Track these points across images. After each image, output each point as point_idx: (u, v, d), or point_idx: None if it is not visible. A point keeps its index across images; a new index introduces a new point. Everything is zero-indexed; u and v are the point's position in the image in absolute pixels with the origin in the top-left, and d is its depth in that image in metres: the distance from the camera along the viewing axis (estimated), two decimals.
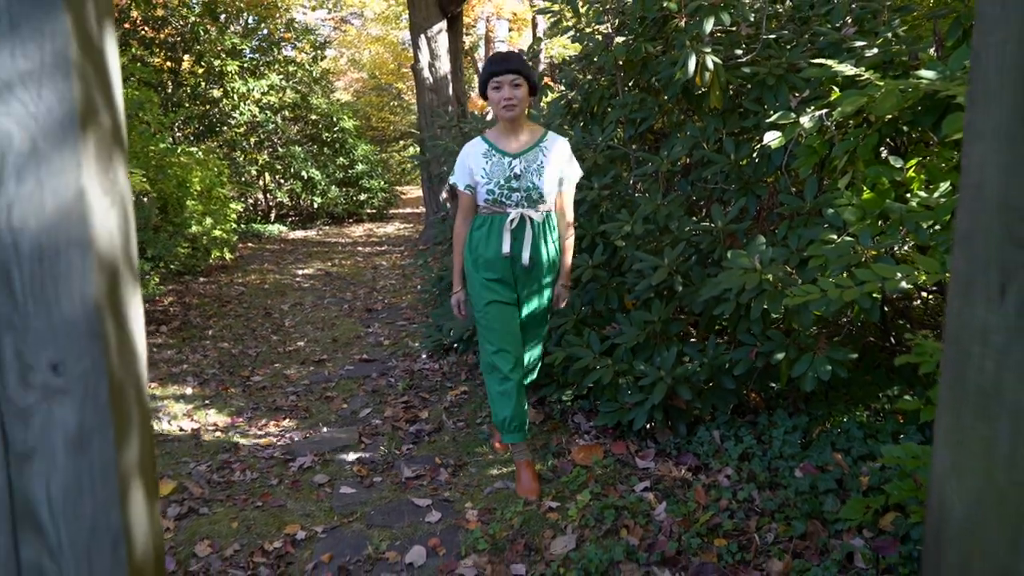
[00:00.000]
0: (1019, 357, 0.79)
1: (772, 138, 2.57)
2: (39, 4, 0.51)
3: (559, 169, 2.69)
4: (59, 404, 0.56)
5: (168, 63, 10.54)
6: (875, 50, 2.57)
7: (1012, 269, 0.79)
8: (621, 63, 3.58)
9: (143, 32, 9.98)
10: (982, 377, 0.83)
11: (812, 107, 2.65)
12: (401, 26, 20.74)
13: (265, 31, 11.95)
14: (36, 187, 0.53)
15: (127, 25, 9.64)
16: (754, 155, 2.99)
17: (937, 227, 2.06)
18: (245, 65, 11.09)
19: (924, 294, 3.19)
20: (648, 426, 2.88)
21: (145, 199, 5.62)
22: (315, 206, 12.42)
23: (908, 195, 2.28)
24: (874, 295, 2.13)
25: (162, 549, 0.71)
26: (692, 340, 3.07)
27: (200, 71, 10.73)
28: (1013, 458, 0.80)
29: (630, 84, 3.72)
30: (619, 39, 3.55)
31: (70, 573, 0.58)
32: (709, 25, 2.83)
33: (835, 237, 2.30)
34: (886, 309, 2.94)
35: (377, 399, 3.81)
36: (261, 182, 12.44)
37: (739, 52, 3.13)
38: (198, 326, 5.65)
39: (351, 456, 3.08)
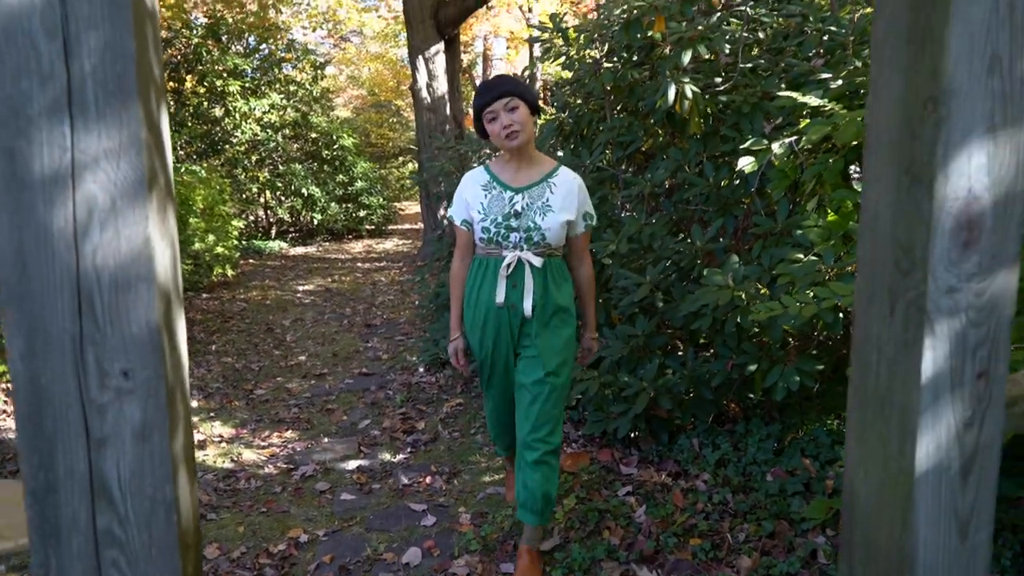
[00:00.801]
0: (905, 365, 0.95)
1: (746, 163, 2.75)
2: (120, 97, 0.68)
3: (568, 210, 2.31)
4: (128, 402, 0.73)
5: (171, 83, 10.75)
6: (840, 81, 2.75)
7: (898, 292, 0.95)
8: (609, 88, 3.76)
9: None
10: (878, 382, 1.00)
11: (785, 133, 2.83)
12: (400, 44, 21.03)
13: (266, 51, 12.18)
14: (115, 235, 0.70)
15: None
16: (733, 178, 3.17)
17: None
18: (247, 85, 11.30)
19: None
20: (632, 435, 3.04)
21: None
22: (315, 223, 12.61)
23: None
24: (837, 310, 2.29)
25: (198, 518, 0.88)
26: (679, 353, 3.23)
27: (202, 91, 10.94)
28: (901, 450, 0.97)
29: (618, 108, 3.91)
30: (607, 65, 3.74)
31: (134, 536, 0.74)
32: (687, 57, 3.01)
33: (802, 256, 2.47)
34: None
35: (376, 411, 3.97)
36: (262, 199, 12.63)
37: (719, 80, 3.31)
38: (202, 341, 5.81)
39: (351, 465, 3.23)
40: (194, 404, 4.28)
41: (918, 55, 0.90)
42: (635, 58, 3.71)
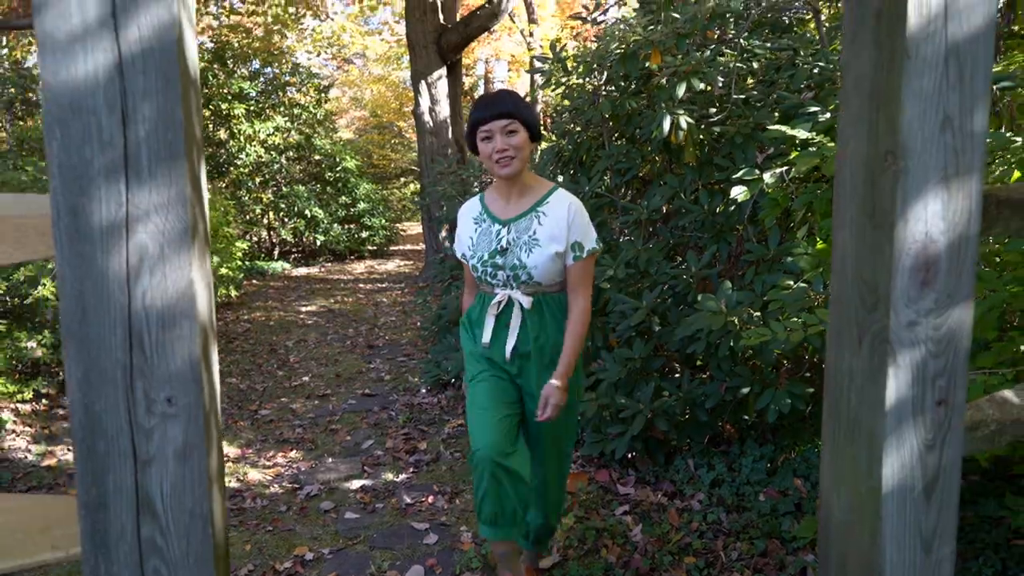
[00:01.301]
0: (872, 392, 1.04)
1: (739, 192, 2.84)
2: (169, 159, 0.78)
3: (557, 240, 2.06)
4: (171, 426, 0.82)
5: None
6: (828, 115, 2.85)
7: (865, 325, 1.05)
8: (607, 116, 3.87)
9: None
10: (849, 408, 1.09)
11: (776, 163, 2.93)
12: (402, 67, 21.29)
13: (271, 74, 12.37)
14: (162, 279, 0.79)
15: None
16: (727, 206, 3.27)
17: None
18: (251, 108, 11.47)
19: None
20: (629, 455, 3.12)
21: None
22: (318, 243, 12.72)
23: None
24: (824, 336, 2.38)
25: (228, 531, 0.97)
26: (676, 376, 3.31)
27: (208, 114, 11.10)
28: (869, 471, 1.05)
29: (616, 136, 4.02)
30: (606, 90, 3.86)
31: (174, 546, 0.83)
32: (681, 90, 3.12)
33: (792, 283, 2.56)
34: None
35: (379, 431, 4.05)
36: (265, 220, 12.75)
37: (713, 111, 3.42)
38: None
39: (355, 484, 3.31)
40: None
41: (878, 113, 1.00)
42: (632, 87, 3.83)
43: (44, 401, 4.66)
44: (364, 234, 13.27)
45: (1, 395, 4.24)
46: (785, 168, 2.84)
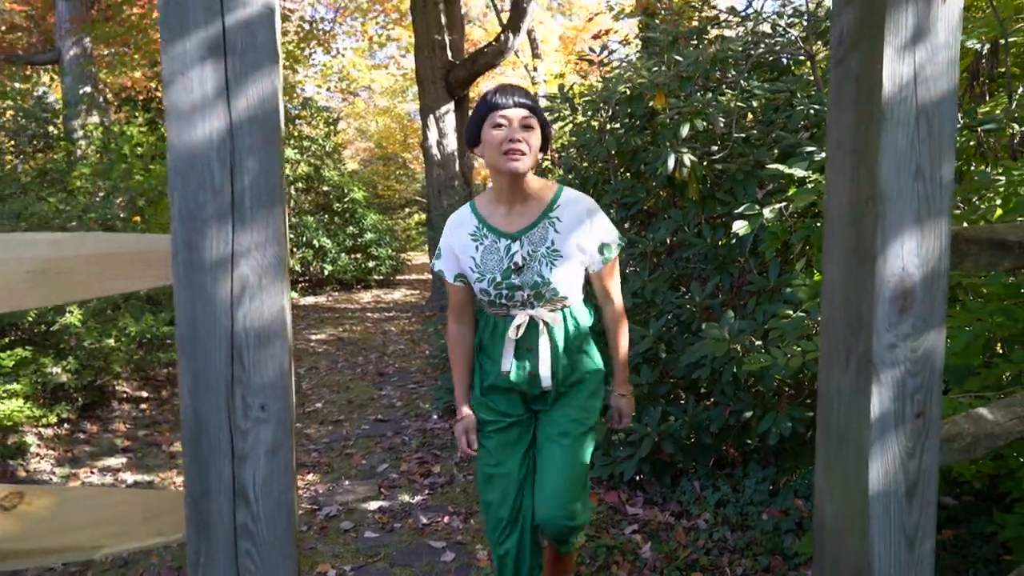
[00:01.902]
0: (859, 406, 1.19)
1: (740, 226, 3.01)
2: (268, 205, 0.94)
3: (581, 248, 1.93)
4: (263, 429, 0.97)
5: None
6: (823, 154, 3.03)
7: (851, 347, 1.20)
8: (613, 153, 4.05)
9: None
10: (839, 420, 1.23)
11: (775, 199, 3.10)
12: (407, 99, 21.67)
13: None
14: (260, 304, 0.95)
15: (155, 105, 10.28)
16: (729, 239, 3.43)
17: None
18: None
19: None
20: (638, 477, 3.24)
21: None
22: (325, 273, 12.90)
23: None
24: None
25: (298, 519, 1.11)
26: (681, 401, 3.45)
27: None
28: (858, 476, 1.20)
29: (622, 171, 4.20)
30: (612, 128, 4.05)
31: (263, 530, 0.98)
32: (685, 130, 3.30)
33: (791, 312, 2.71)
34: None
35: (393, 455, 4.17)
36: None
37: (715, 148, 3.60)
38: None
39: (372, 505, 3.43)
40: None
41: (859, 164, 1.16)
42: (637, 124, 4.01)
43: (66, 426, 4.79)
44: (371, 264, 13.46)
45: (27, 419, 4.37)
46: (784, 204, 3.00)
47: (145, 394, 5.77)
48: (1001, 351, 2.43)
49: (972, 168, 3.01)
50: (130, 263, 0.97)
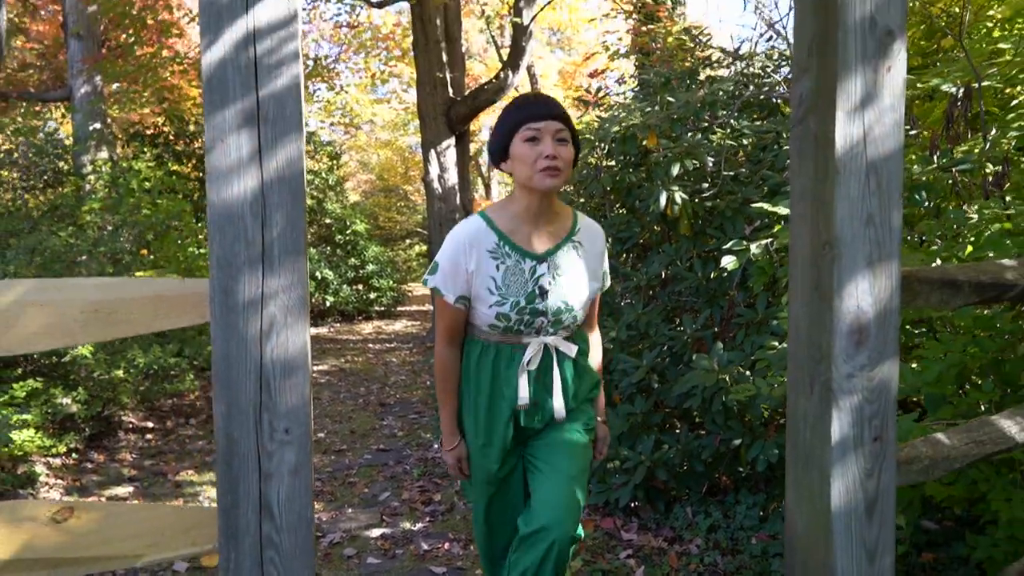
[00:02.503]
0: (821, 430, 1.31)
1: (728, 261, 3.14)
2: (294, 253, 1.08)
3: (597, 274, 1.91)
4: (287, 450, 1.09)
5: (197, 174, 11.37)
6: None
7: (815, 376, 1.32)
8: (608, 189, 4.21)
9: (176, 146, 10.82)
10: (805, 443, 1.36)
11: (762, 235, 3.24)
12: (409, 132, 21.99)
13: None
14: (285, 339, 1.08)
15: (162, 140, 10.50)
16: (719, 273, 3.57)
17: None
18: None
19: None
20: (632, 504, 3.34)
21: None
22: (327, 304, 13.04)
23: None
24: None
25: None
26: (676, 430, 3.56)
27: None
28: (822, 494, 1.32)
29: (617, 206, 4.35)
30: (607, 165, 4.21)
31: (286, 540, 1.10)
32: (675, 169, 3.46)
33: (777, 344, 2.84)
34: None
35: (395, 484, 4.27)
36: None
37: (705, 186, 3.76)
38: None
39: (375, 532, 3.52)
40: None
41: (818, 213, 1.30)
42: (632, 160, 4.17)
43: (74, 455, 4.89)
44: (372, 295, 13.60)
45: (37, 449, 4.48)
46: (770, 240, 3.15)
47: (150, 424, 5.87)
48: (976, 380, 2.55)
49: (950, 206, 3.16)
50: (171, 304, 1.10)
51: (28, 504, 1.09)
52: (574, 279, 1.84)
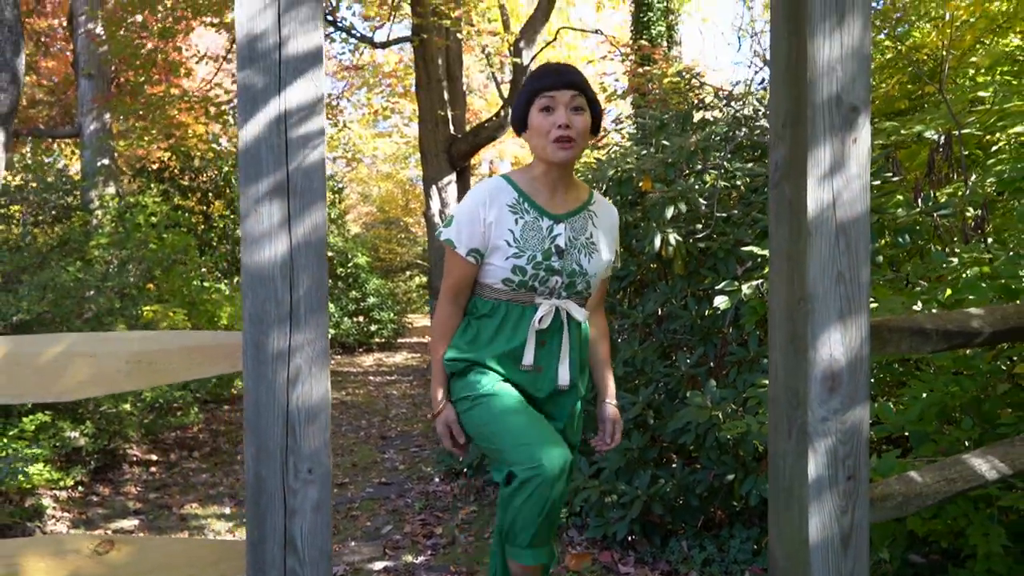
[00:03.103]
0: (799, 469, 1.42)
1: (721, 301, 3.26)
2: (318, 311, 1.20)
3: (610, 249, 1.94)
4: (310, 489, 1.20)
5: (200, 207, 11.55)
6: None
7: (793, 420, 1.44)
8: None
9: (181, 180, 11.01)
10: (785, 481, 1.47)
11: (754, 275, 3.37)
12: (409, 165, 22.25)
13: None
14: (310, 387, 1.20)
15: (168, 175, 10.68)
16: (713, 312, 3.69)
17: None
18: None
19: None
20: (629, 537, 3.42)
21: None
22: (328, 336, 13.11)
23: None
24: None
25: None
26: (672, 465, 3.65)
27: (229, 214, 11.73)
28: (800, 527, 1.42)
29: None
30: None
31: (308, 573, 1.20)
32: (670, 212, 3.59)
33: (767, 382, 2.94)
34: None
35: (397, 517, 4.34)
36: None
37: (699, 227, 3.89)
38: (227, 451, 6.19)
39: (378, 566, 3.60)
40: (227, 511, 4.65)
41: (793, 271, 1.42)
42: (629, 199, 4.31)
43: (80, 488, 4.96)
44: (373, 327, 13.70)
45: (45, 482, 4.55)
46: (760, 281, 3.27)
47: (154, 457, 5.94)
48: (958, 418, 2.66)
49: (933, 248, 3.29)
50: (206, 354, 1.22)
51: (72, 537, 1.19)
52: (587, 245, 1.85)
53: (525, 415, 1.75)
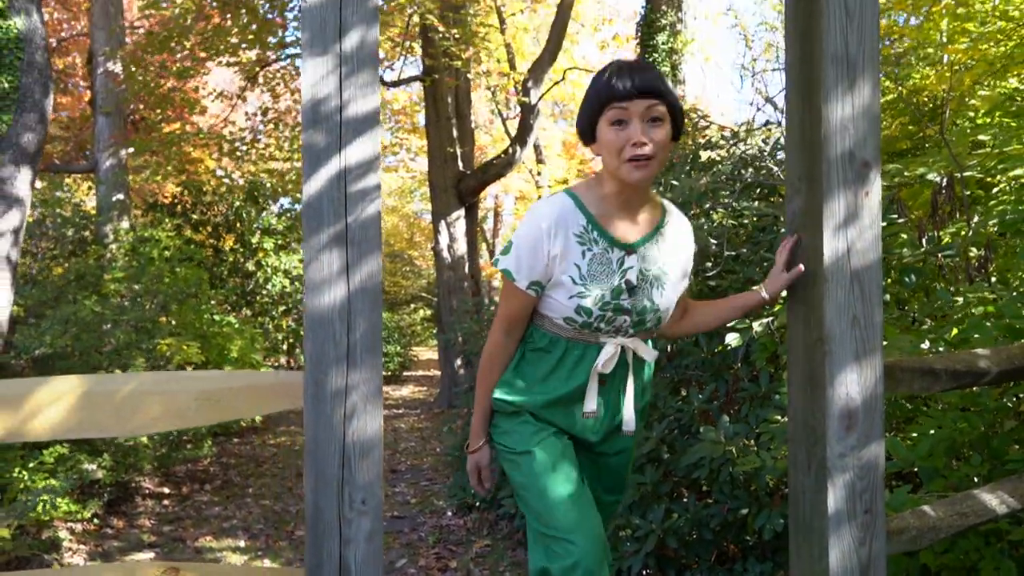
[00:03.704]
0: (818, 503, 1.50)
1: (732, 338, 3.35)
2: (372, 353, 1.29)
3: (686, 272, 1.75)
4: (364, 519, 1.28)
5: (211, 241, 11.70)
6: None
7: (812, 455, 1.52)
8: None
9: (193, 215, 11.16)
10: (805, 514, 1.54)
11: (764, 312, 3.46)
12: (415, 199, 22.48)
13: (298, 210, 13.26)
14: (364, 423, 1.29)
15: (179, 209, 10.84)
16: (727, 347, 3.77)
17: None
18: (279, 242, 12.26)
19: None
20: (644, 571, 3.47)
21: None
22: (381, 376, 13.13)
23: None
24: None
25: None
26: (684, 500, 3.70)
27: (239, 248, 11.87)
28: (820, 559, 1.49)
29: None
30: None
31: None
32: None
33: (779, 418, 3.02)
34: None
35: (411, 551, 4.38)
36: (285, 346, 13.27)
37: (709, 264, 4.00)
38: (239, 484, 6.24)
39: None
40: (242, 544, 4.69)
41: (811, 314, 1.51)
42: None
43: (95, 521, 5.01)
44: None
45: (64, 514, 4.60)
46: (771, 318, 3.36)
47: (166, 490, 5.99)
48: (967, 454, 2.73)
49: (938, 286, 3.38)
50: (267, 392, 1.31)
51: (141, 564, 1.28)
52: (658, 278, 1.64)
53: (566, 485, 1.58)
